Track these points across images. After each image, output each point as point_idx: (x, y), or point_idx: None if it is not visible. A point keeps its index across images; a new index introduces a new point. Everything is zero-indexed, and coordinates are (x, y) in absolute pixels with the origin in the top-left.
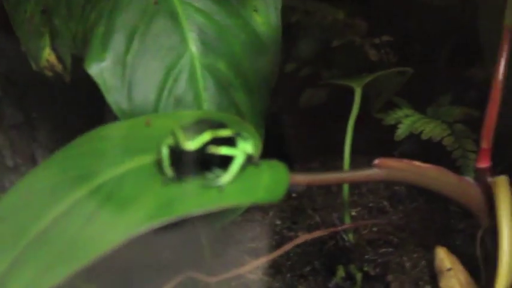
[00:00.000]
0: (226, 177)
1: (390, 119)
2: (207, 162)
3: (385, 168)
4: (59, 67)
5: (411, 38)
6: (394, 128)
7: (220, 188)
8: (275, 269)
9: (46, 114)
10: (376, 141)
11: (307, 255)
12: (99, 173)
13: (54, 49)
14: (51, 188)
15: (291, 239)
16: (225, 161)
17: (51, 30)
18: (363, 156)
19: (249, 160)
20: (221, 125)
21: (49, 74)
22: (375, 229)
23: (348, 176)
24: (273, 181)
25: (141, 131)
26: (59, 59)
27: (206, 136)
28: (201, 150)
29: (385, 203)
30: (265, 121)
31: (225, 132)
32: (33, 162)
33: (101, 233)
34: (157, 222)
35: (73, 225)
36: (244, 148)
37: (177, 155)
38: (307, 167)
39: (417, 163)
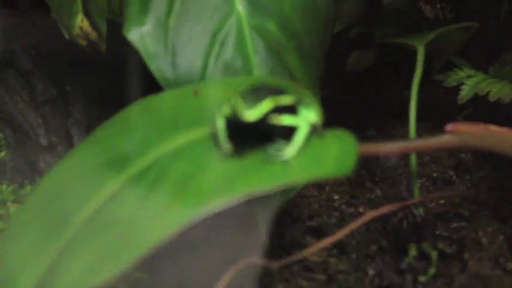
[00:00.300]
0: (290, 150)
1: (451, 80)
2: (268, 134)
3: (459, 134)
4: (93, 35)
5: None
6: (455, 90)
7: (284, 163)
8: (339, 249)
9: (80, 87)
10: (437, 105)
11: (372, 233)
12: (149, 150)
13: (87, 15)
14: (95, 168)
15: (351, 215)
16: (287, 132)
17: None
18: (423, 121)
19: (314, 130)
20: (280, 92)
21: (83, 43)
22: (441, 201)
23: (419, 144)
24: (341, 152)
25: (190, 102)
26: (93, 25)
27: (268, 104)
28: (261, 121)
29: (451, 172)
30: (320, 87)
31: (286, 100)
32: (68, 140)
33: (158, 217)
34: (219, 204)
35: (125, 210)
36: (308, 117)
37: (235, 126)
38: (362, 135)
39: (493, 127)
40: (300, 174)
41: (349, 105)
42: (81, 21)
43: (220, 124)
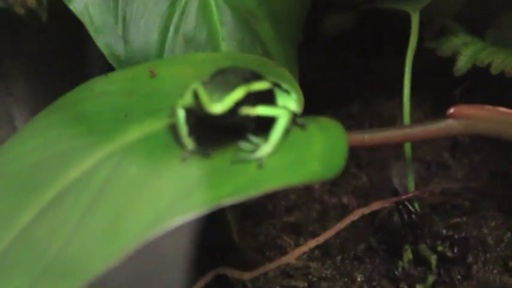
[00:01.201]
0: (266, 147)
1: (446, 48)
2: (239, 127)
3: (464, 118)
4: (32, 2)
5: None
6: (451, 60)
7: (260, 164)
8: (322, 250)
9: (22, 61)
10: (430, 76)
11: (360, 230)
12: (95, 146)
13: None
14: (32, 168)
15: (334, 206)
16: (262, 123)
17: None
18: (415, 96)
19: (294, 121)
20: (253, 74)
21: (20, 11)
22: (437, 190)
23: (418, 132)
24: (328, 148)
25: (146, 84)
26: None
27: (238, 93)
28: (231, 111)
29: (446, 155)
30: (297, 60)
31: (260, 85)
32: (10, 120)
33: (100, 241)
34: (178, 220)
35: (61, 227)
36: (287, 104)
37: (198, 119)
38: (345, 112)
39: (503, 109)
40: (280, 179)
41: (327, 76)
42: None
43: (181, 117)
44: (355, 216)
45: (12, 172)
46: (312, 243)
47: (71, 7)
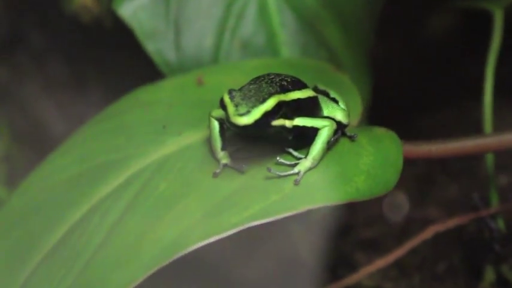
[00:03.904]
0: (306, 161)
1: None
2: (275, 139)
3: None
4: (96, 9)
5: None
6: None
7: (297, 180)
8: (399, 269)
9: (95, 66)
10: None
11: (440, 248)
12: (129, 162)
13: None
14: (68, 182)
15: (417, 220)
16: (304, 136)
17: None
18: (504, 105)
19: (341, 131)
20: (292, 82)
21: (85, 18)
22: None
23: (494, 142)
24: (377, 162)
25: (191, 94)
26: None
27: (268, 103)
28: (261, 123)
29: None
30: (370, 67)
31: (299, 94)
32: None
33: (129, 253)
34: (205, 239)
35: (96, 235)
36: (333, 114)
37: (232, 130)
38: (421, 120)
39: None
40: (316, 197)
41: (402, 79)
42: None
43: (215, 128)
44: (428, 233)
45: (48, 187)
46: (382, 261)
47: (120, 13)
